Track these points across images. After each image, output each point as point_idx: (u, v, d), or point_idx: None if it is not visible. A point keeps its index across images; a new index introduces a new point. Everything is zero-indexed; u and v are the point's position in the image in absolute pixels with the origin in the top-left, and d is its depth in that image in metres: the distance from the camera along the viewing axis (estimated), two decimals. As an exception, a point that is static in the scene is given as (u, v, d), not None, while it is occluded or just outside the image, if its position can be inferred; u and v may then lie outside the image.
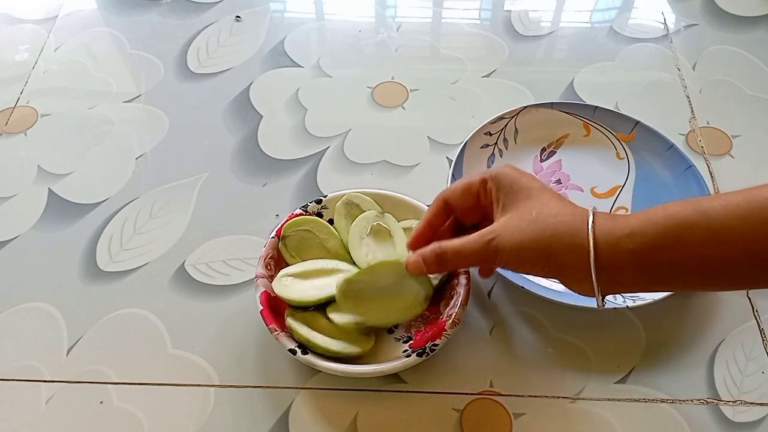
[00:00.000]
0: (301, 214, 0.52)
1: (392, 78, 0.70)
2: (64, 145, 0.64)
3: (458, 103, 0.67)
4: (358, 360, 0.46)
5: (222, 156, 0.62)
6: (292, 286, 0.48)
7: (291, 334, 0.46)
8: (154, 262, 0.55)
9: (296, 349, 0.45)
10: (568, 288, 0.39)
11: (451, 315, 0.46)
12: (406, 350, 0.47)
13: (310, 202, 0.53)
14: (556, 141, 0.62)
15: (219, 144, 0.63)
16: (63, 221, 0.58)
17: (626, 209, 0.57)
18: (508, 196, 0.40)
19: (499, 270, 0.49)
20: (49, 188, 0.60)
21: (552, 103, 0.61)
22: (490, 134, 0.60)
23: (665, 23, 0.76)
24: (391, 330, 0.49)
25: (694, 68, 0.70)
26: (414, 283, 0.46)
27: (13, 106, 0.68)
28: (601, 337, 0.50)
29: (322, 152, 0.63)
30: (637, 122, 0.59)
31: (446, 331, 0.45)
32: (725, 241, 0.34)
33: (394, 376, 0.48)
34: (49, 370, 0.49)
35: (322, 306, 0.48)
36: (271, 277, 0.49)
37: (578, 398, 0.47)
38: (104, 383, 0.48)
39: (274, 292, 0.48)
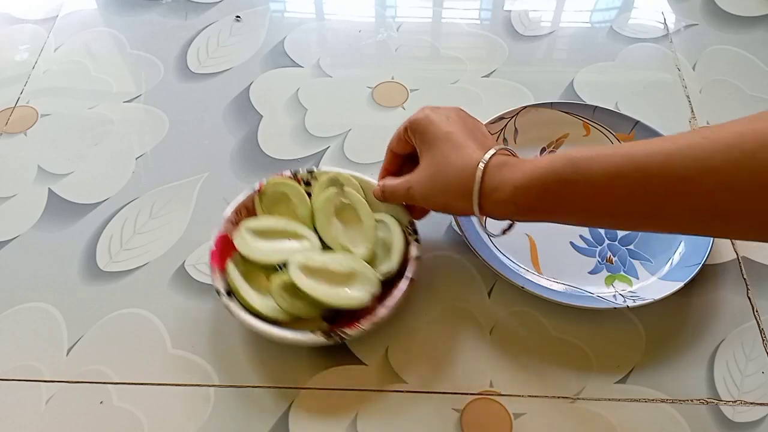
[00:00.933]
0: (289, 177, 0.54)
1: (392, 78, 0.70)
2: (64, 145, 0.64)
3: (458, 103, 0.67)
4: (278, 324, 0.47)
5: (222, 156, 0.62)
6: (249, 241, 0.50)
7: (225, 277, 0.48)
8: (154, 262, 0.55)
9: (222, 291, 0.47)
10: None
11: (375, 313, 0.46)
12: (327, 332, 0.46)
13: (302, 170, 0.54)
14: (556, 141, 0.62)
15: (219, 144, 0.63)
16: (63, 221, 0.58)
17: None
18: (422, 144, 0.45)
19: (498, 271, 0.50)
20: (49, 188, 0.60)
21: (552, 103, 0.61)
22: (490, 134, 0.60)
23: (665, 23, 0.76)
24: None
25: (694, 68, 0.70)
26: (364, 279, 0.48)
27: (13, 106, 0.68)
28: (601, 337, 0.50)
29: (322, 152, 0.63)
30: (637, 122, 0.59)
31: (360, 325, 0.45)
32: (600, 199, 0.36)
33: (394, 376, 0.48)
34: (49, 370, 0.49)
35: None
36: (238, 224, 0.51)
37: (578, 398, 0.47)
38: (104, 383, 0.48)
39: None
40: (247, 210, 0.53)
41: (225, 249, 0.50)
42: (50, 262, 0.55)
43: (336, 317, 0.49)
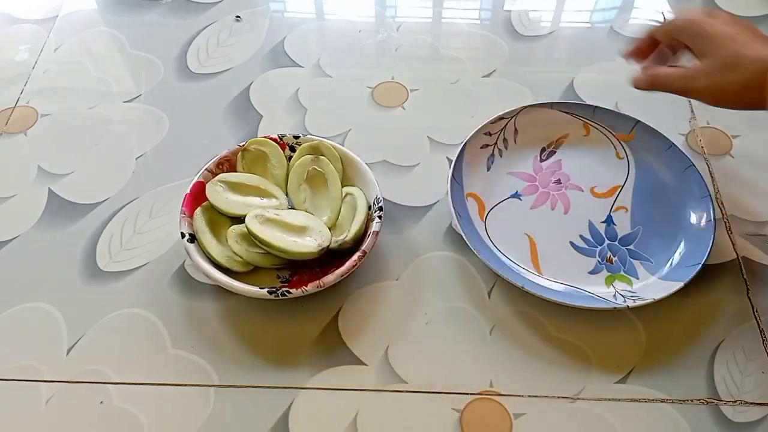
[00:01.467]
0: (275, 140, 0.56)
1: (392, 78, 0.70)
2: (64, 145, 0.64)
3: (458, 103, 0.67)
4: (232, 275, 0.50)
5: (222, 156, 0.62)
6: (220, 192, 0.53)
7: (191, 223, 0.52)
8: (154, 262, 0.55)
9: (187, 234, 0.50)
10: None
11: (322, 279, 0.48)
12: (273, 288, 0.48)
13: (290, 134, 0.57)
14: (556, 141, 0.62)
15: (219, 144, 0.63)
16: (63, 221, 0.58)
17: (626, 209, 0.56)
18: (704, 43, 0.48)
19: (498, 271, 0.50)
20: (49, 188, 0.60)
21: (551, 103, 0.61)
22: (490, 134, 0.60)
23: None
24: (281, 268, 0.52)
25: (694, 68, 0.70)
26: (315, 232, 0.50)
27: (13, 106, 0.68)
28: (601, 337, 0.50)
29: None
30: (637, 122, 0.59)
31: (306, 287, 0.47)
32: None
33: (394, 376, 0.48)
34: (49, 370, 0.49)
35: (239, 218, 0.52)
36: (216, 175, 0.54)
37: (578, 398, 0.47)
38: (104, 383, 0.48)
39: None
40: (229, 163, 0.56)
41: (199, 196, 0.53)
42: (50, 262, 0.55)
43: (289, 280, 0.52)
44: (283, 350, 0.50)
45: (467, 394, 0.47)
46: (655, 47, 0.53)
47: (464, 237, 0.52)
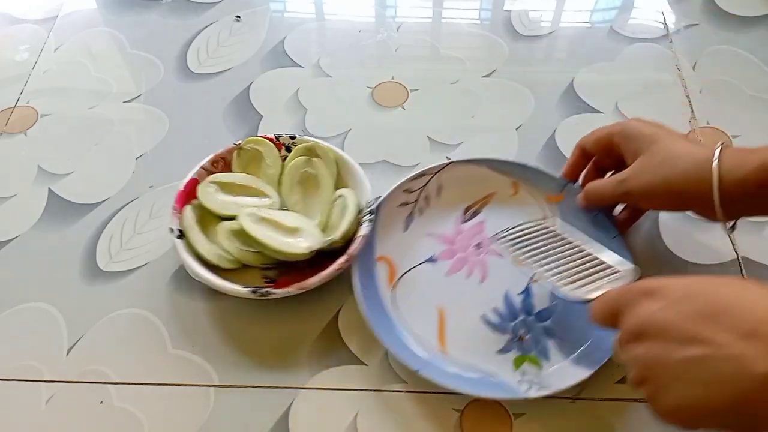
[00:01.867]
0: (271, 139, 0.57)
1: (392, 78, 0.70)
2: (64, 145, 0.64)
3: (458, 103, 0.67)
4: (220, 272, 0.50)
5: (222, 156, 0.62)
6: (212, 193, 0.53)
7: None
8: (154, 262, 0.55)
9: (176, 230, 0.51)
10: (700, 215, 0.46)
11: (304, 281, 0.48)
12: (257, 288, 0.48)
13: (287, 135, 0.57)
14: (482, 200, 0.56)
15: (219, 144, 0.63)
16: (63, 221, 0.58)
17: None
18: (638, 145, 0.46)
19: (388, 345, 0.47)
20: (49, 188, 0.60)
21: (479, 159, 0.57)
22: (410, 191, 0.56)
23: (665, 23, 0.76)
24: (270, 268, 0.52)
25: (694, 68, 0.70)
26: (307, 234, 0.51)
27: (13, 106, 0.68)
28: (601, 337, 0.50)
29: (322, 152, 0.63)
30: (567, 183, 0.55)
31: (289, 288, 0.47)
32: None
33: (395, 376, 0.48)
34: (49, 370, 0.49)
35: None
36: (211, 173, 0.55)
37: (578, 398, 0.47)
38: (104, 383, 0.48)
39: None
40: (224, 161, 0.56)
41: (192, 193, 0.53)
42: (50, 262, 0.55)
43: (276, 280, 0.51)
44: (283, 350, 0.50)
45: (467, 394, 0.47)
46: (588, 160, 0.53)
47: (360, 307, 0.48)
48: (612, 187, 0.48)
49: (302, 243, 0.50)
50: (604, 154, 0.51)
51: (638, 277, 0.45)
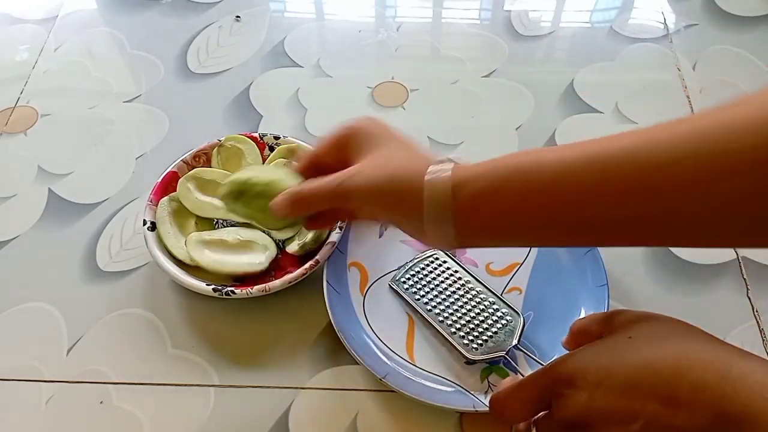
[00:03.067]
0: (253, 138, 0.57)
1: (392, 78, 0.70)
2: (64, 145, 0.64)
3: (458, 103, 0.67)
4: (189, 269, 0.50)
5: (222, 156, 0.62)
6: (191, 191, 0.53)
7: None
8: (154, 262, 0.55)
9: (148, 222, 0.51)
10: (413, 237, 0.37)
11: (268, 284, 0.48)
12: (219, 286, 0.48)
13: (270, 134, 0.57)
14: None
15: (219, 144, 0.63)
16: (63, 221, 0.58)
17: (520, 290, 0.51)
18: (363, 144, 0.39)
19: (359, 355, 0.46)
20: (49, 188, 0.60)
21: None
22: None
23: (665, 23, 0.76)
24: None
25: (694, 68, 0.70)
26: (260, 247, 0.51)
27: (13, 106, 0.68)
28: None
29: (322, 152, 0.62)
30: None
31: (251, 289, 0.48)
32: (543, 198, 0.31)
33: (394, 376, 0.48)
34: (49, 370, 0.49)
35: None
36: (192, 167, 0.55)
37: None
38: (104, 383, 0.48)
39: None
40: (206, 156, 0.57)
41: (170, 185, 0.54)
42: (50, 262, 0.55)
43: (242, 279, 0.51)
44: (283, 350, 0.50)
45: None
46: (314, 168, 0.43)
47: (329, 312, 0.48)
48: (332, 187, 0.38)
49: (257, 258, 0.51)
50: (329, 157, 0.42)
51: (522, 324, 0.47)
